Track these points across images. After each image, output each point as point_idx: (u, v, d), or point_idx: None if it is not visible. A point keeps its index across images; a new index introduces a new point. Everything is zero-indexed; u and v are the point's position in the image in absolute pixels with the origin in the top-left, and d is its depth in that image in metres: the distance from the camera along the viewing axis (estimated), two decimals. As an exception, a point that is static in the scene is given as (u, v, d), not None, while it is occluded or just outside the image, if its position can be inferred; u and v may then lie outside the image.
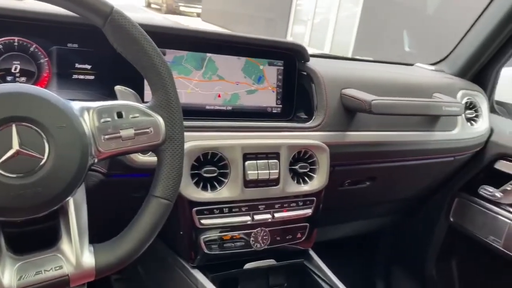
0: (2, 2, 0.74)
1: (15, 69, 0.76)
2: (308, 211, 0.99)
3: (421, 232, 1.53)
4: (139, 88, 0.82)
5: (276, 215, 0.94)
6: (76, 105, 0.57)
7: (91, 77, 0.82)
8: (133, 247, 0.59)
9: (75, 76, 0.81)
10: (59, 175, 0.53)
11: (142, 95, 0.84)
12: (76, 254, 0.57)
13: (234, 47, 0.95)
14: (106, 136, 0.57)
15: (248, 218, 0.91)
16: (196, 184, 0.85)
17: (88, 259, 0.57)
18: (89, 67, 0.82)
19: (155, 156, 0.63)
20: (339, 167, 1.06)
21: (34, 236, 0.58)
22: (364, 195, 1.28)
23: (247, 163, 0.88)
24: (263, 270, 1.01)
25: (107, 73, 0.83)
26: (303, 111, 1.03)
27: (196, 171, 0.84)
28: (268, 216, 0.93)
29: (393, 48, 5.66)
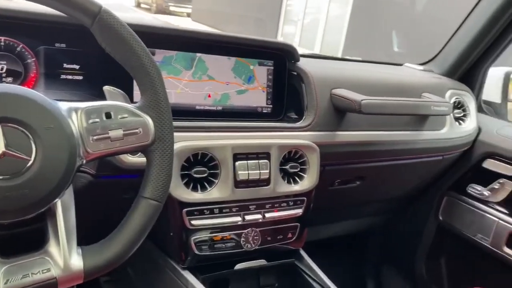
0: (-13, 2, 0.73)
1: (1, 69, 0.75)
2: (299, 211, 0.99)
3: (410, 231, 1.55)
4: (128, 88, 0.81)
5: (267, 215, 0.94)
6: (63, 106, 0.56)
7: (80, 77, 0.82)
8: (122, 249, 0.59)
9: (63, 76, 0.80)
10: (46, 176, 0.52)
11: (131, 96, 0.83)
12: (64, 256, 0.56)
13: (224, 47, 0.94)
14: (95, 137, 0.57)
15: (238, 218, 0.91)
16: (186, 184, 0.84)
17: (76, 262, 0.57)
18: (77, 67, 0.81)
19: (145, 156, 0.62)
20: (329, 167, 1.06)
21: (21, 238, 0.57)
22: (354, 194, 1.28)
23: (237, 163, 0.88)
24: (254, 270, 1.01)
25: (95, 73, 0.82)
26: (294, 111, 1.03)
27: (186, 172, 0.84)
28: (258, 216, 0.93)
29: (383, 48, 5.71)
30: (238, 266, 0.98)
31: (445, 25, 1.66)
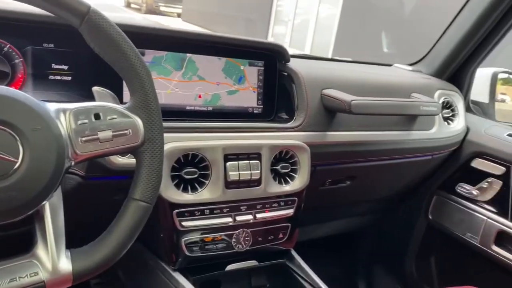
0: (-26, 1, 0.72)
1: None
2: (290, 211, 0.99)
3: (401, 230, 1.56)
4: (118, 89, 0.81)
5: (258, 215, 0.94)
6: (52, 107, 0.56)
7: (68, 78, 0.81)
8: (111, 251, 0.58)
9: (51, 77, 0.79)
10: (34, 178, 0.52)
11: (120, 96, 0.83)
12: (52, 259, 0.55)
13: (215, 47, 0.94)
14: (83, 138, 0.56)
15: (229, 219, 0.91)
16: (177, 185, 0.84)
17: (65, 265, 0.56)
18: (66, 67, 0.80)
19: (134, 158, 0.62)
20: (320, 167, 1.06)
21: (8, 241, 0.56)
22: (345, 194, 1.29)
23: (228, 164, 0.87)
24: (245, 271, 1.01)
25: (84, 74, 0.81)
26: (284, 112, 1.03)
27: (176, 173, 0.83)
28: (249, 217, 0.93)
29: (372, 49, 5.74)
30: (229, 267, 0.97)
31: (433, 26, 1.68)
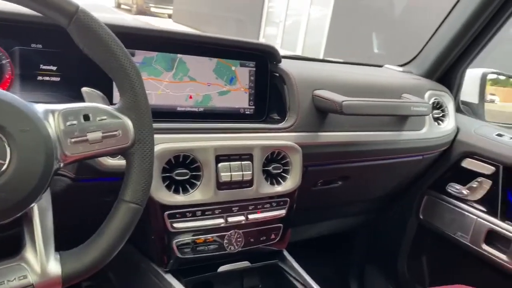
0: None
1: None
2: (282, 212, 0.99)
3: (392, 230, 1.56)
4: (108, 89, 0.80)
5: (250, 216, 0.94)
6: (40, 108, 0.55)
7: (57, 79, 0.80)
8: (101, 254, 0.58)
9: (39, 78, 0.78)
10: (22, 180, 0.51)
11: (111, 97, 0.82)
12: (41, 262, 0.54)
13: (205, 48, 0.94)
14: (73, 140, 0.55)
15: (221, 220, 0.90)
16: (168, 187, 0.83)
17: (54, 268, 0.55)
18: (54, 68, 0.79)
19: (124, 159, 0.61)
20: (312, 167, 1.06)
21: (-4, 244, 0.55)
22: (337, 194, 1.29)
23: (220, 165, 0.87)
24: (237, 272, 1.01)
25: (73, 75, 0.80)
26: (276, 112, 1.03)
27: (167, 174, 0.83)
28: (241, 218, 0.93)
29: (363, 50, 5.77)
30: (221, 269, 0.97)
31: (424, 27, 1.69)
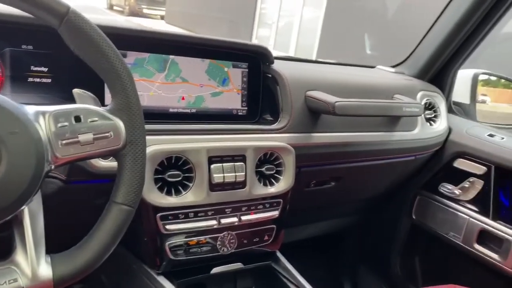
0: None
1: None
2: (275, 213, 0.99)
3: (385, 231, 1.57)
4: (100, 91, 0.80)
5: (243, 218, 0.94)
6: (30, 110, 0.55)
7: (48, 80, 0.79)
8: (93, 256, 0.57)
9: (30, 79, 0.78)
10: (12, 183, 0.50)
11: (102, 99, 0.81)
12: (31, 265, 0.54)
13: (198, 49, 0.93)
14: (64, 141, 0.55)
15: (214, 222, 0.90)
16: (160, 189, 0.83)
17: (45, 271, 0.55)
18: (45, 69, 0.79)
19: (116, 161, 0.61)
20: (305, 168, 1.06)
21: (-15, 248, 0.55)
22: (330, 195, 1.29)
23: (212, 166, 0.87)
24: (231, 274, 1.01)
25: (65, 76, 0.79)
26: (269, 113, 1.03)
27: (159, 176, 0.82)
28: (234, 219, 0.93)
29: (356, 51, 5.80)
30: (215, 270, 0.97)
31: (415, 28, 1.70)
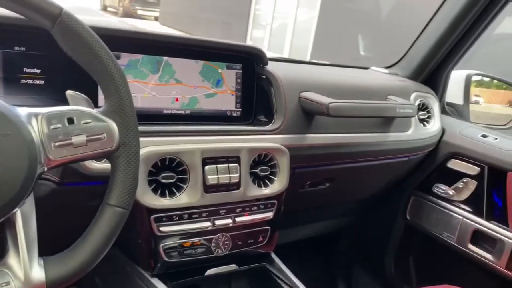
0: None
1: None
2: (269, 214, 0.99)
3: (380, 231, 1.57)
4: (93, 93, 0.79)
5: (237, 219, 0.94)
6: (23, 111, 0.54)
7: (41, 82, 0.79)
8: (86, 259, 0.57)
9: (23, 81, 0.77)
10: (4, 185, 0.50)
11: (96, 100, 0.81)
12: (24, 268, 0.53)
13: (192, 50, 0.93)
14: (57, 143, 0.54)
15: (208, 223, 0.90)
16: (154, 190, 0.82)
17: (38, 273, 0.54)
18: (38, 71, 0.78)
19: (109, 163, 0.60)
20: (299, 169, 1.07)
21: (-23, 251, 0.54)
22: (325, 196, 1.29)
23: (206, 167, 0.87)
24: (225, 275, 1.00)
25: (58, 78, 0.79)
26: (263, 114, 1.03)
27: (153, 177, 0.82)
28: (229, 220, 0.93)
29: (349, 52, 5.82)
30: (209, 272, 0.97)
31: (409, 30, 1.71)
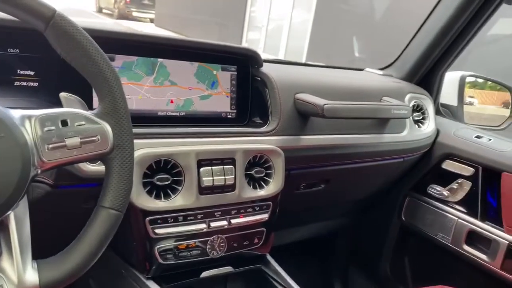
0: None
1: None
2: (265, 216, 0.99)
3: (375, 232, 1.58)
4: (87, 95, 0.79)
5: (233, 221, 0.94)
6: (16, 114, 0.54)
7: (35, 84, 0.78)
8: (80, 261, 0.57)
9: (17, 83, 0.77)
10: None
11: (90, 103, 0.81)
12: (17, 271, 0.53)
13: (186, 52, 0.93)
14: (50, 146, 0.54)
15: (204, 225, 0.90)
16: (149, 192, 0.82)
17: (31, 277, 0.54)
18: (32, 73, 0.78)
19: (104, 165, 0.60)
20: (294, 171, 1.07)
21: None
22: (320, 197, 1.30)
23: (201, 169, 0.86)
24: (221, 278, 1.00)
25: (52, 80, 0.79)
26: (258, 116, 1.03)
27: (148, 180, 0.82)
28: (224, 222, 0.92)
29: (345, 54, 5.83)
30: (204, 274, 0.96)
31: (403, 31, 1.72)
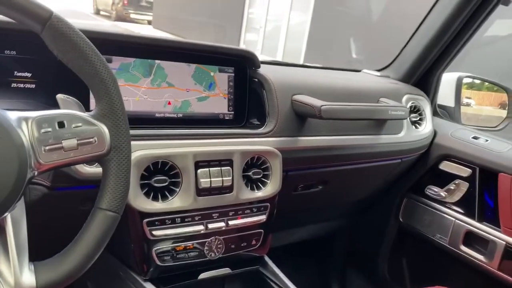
0: None
1: None
2: (263, 217, 0.99)
3: (373, 233, 1.58)
4: (84, 96, 0.79)
5: (230, 222, 0.94)
6: (13, 115, 0.54)
7: (32, 86, 0.78)
8: (78, 263, 0.57)
9: (14, 85, 0.77)
10: None
11: (87, 104, 0.81)
12: (14, 273, 0.53)
13: (184, 53, 0.93)
14: (47, 147, 0.54)
15: (201, 227, 0.90)
16: (146, 194, 0.82)
17: (28, 279, 0.54)
18: (29, 75, 0.78)
19: (101, 167, 0.60)
20: (292, 172, 1.07)
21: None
22: (318, 199, 1.30)
23: (199, 171, 0.86)
24: (219, 279, 1.00)
25: (49, 81, 0.79)
26: (256, 117, 1.03)
27: (146, 181, 0.82)
28: (222, 224, 0.92)
29: (342, 55, 5.84)
30: (202, 276, 0.96)
31: (400, 33, 1.72)
